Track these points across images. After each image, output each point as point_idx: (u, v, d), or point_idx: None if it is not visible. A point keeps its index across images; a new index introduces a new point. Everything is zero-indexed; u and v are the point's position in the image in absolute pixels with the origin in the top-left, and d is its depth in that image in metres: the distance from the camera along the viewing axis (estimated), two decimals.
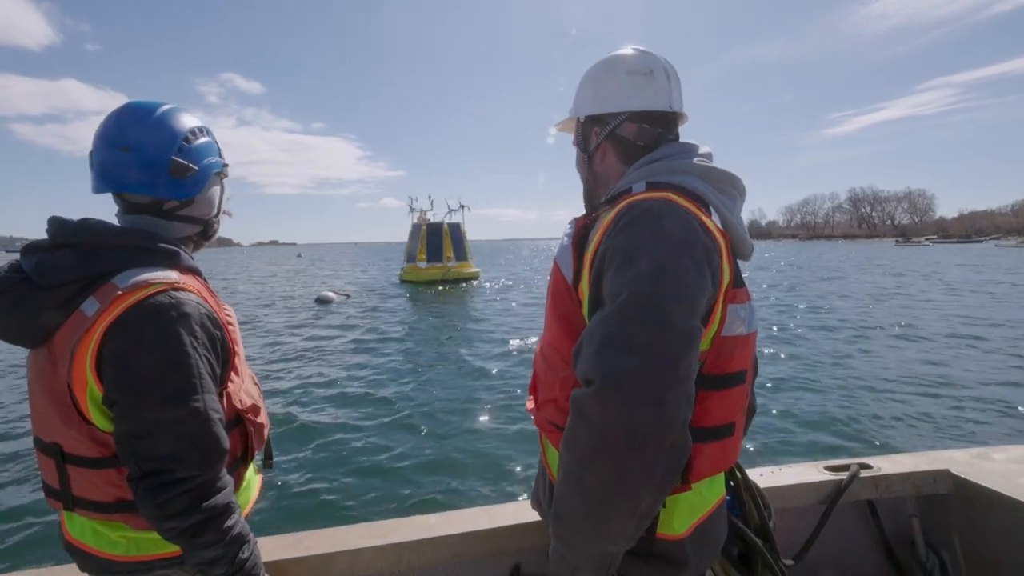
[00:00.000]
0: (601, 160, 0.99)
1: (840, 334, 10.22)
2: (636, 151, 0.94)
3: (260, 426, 1.02)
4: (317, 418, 5.88)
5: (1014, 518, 1.40)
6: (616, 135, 0.95)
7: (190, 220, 0.99)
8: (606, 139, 0.97)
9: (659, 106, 0.93)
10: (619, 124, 0.94)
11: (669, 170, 0.87)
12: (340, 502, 4.00)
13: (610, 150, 0.97)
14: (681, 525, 0.83)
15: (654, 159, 0.90)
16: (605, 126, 0.96)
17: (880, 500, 1.60)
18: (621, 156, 0.96)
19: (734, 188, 0.90)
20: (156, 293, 0.82)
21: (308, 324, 13.06)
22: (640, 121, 0.94)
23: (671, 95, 0.94)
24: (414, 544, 1.28)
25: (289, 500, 4.02)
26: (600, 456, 0.66)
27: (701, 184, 0.86)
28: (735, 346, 0.81)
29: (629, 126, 0.94)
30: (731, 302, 0.80)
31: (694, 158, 0.90)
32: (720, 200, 0.86)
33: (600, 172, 1.00)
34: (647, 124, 0.93)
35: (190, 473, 0.80)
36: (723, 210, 0.85)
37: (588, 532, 0.71)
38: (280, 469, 4.42)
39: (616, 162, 0.97)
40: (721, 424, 0.83)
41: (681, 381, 0.65)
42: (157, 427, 0.79)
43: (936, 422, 5.47)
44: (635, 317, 0.67)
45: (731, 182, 0.89)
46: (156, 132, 0.91)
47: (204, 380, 0.83)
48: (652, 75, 0.93)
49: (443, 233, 23.95)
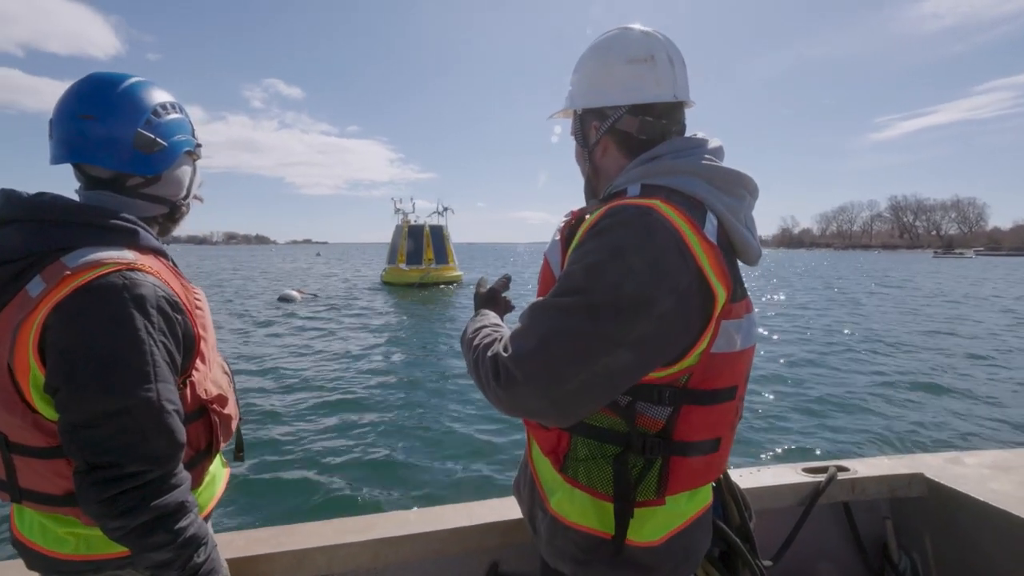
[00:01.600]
0: (602, 155, 0.94)
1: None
2: (639, 144, 0.89)
3: (227, 417, 0.97)
4: (287, 412, 5.80)
5: (984, 522, 1.42)
6: (616, 129, 0.90)
7: (155, 199, 0.94)
8: (606, 133, 0.91)
9: (663, 97, 0.87)
10: (619, 118, 0.89)
11: (668, 170, 0.82)
12: (315, 497, 3.89)
13: (611, 144, 0.92)
14: (653, 534, 0.82)
15: (654, 156, 0.85)
16: (605, 119, 0.90)
17: (856, 502, 1.61)
18: (623, 150, 0.91)
19: (743, 188, 0.84)
20: (108, 273, 0.76)
21: (261, 324, 13.17)
22: (642, 114, 0.87)
23: (675, 83, 0.87)
24: (392, 540, 1.27)
25: (262, 494, 3.90)
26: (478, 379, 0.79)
27: (702, 186, 0.81)
28: (726, 363, 0.79)
29: (630, 119, 0.88)
30: (726, 318, 0.76)
31: (699, 155, 0.84)
32: (723, 202, 0.81)
33: (601, 166, 0.95)
34: (650, 116, 0.87)
35: (139, 468, 0.75)
36: (725, 214, 0.81)
37: (466, 354, 0.87)
38: (253, 461, 4.30)
39: (618, 155, 0.92)
40: (705, 440, 0.81)
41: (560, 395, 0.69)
42: (103, 418, 0.73)
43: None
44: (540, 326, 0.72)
45: (739, 181, 0.84)
46: (123, 102, 0.86)
47: (159, 368, 0.77)
48: (654, 61, 0.86)
49: (424, 235, 24.02)
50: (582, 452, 0.84)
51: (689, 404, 0.78)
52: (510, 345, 0.73)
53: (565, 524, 0.86)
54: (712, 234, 0.77)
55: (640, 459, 0.80)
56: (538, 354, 0.69)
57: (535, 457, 0.96)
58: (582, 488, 0.85)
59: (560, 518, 0.87)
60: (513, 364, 0.70)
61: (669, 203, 0.75)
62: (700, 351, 0.76)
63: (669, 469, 0.80)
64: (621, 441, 0.81)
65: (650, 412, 0.79)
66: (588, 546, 0.85)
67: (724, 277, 0.75)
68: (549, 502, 0.89)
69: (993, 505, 1.41)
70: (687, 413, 0.79)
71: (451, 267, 24.41)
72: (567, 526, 0.86)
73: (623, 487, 0.80)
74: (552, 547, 0.90)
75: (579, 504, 0.85)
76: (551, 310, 0.72)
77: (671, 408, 0.78)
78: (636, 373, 0.73)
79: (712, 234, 0.77)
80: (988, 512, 1.42)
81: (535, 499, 0.95)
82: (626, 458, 0.80)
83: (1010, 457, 1.72)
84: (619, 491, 0.80)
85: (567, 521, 0.86)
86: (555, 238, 0.90)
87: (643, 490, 0.81)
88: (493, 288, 1.09)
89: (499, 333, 0.84)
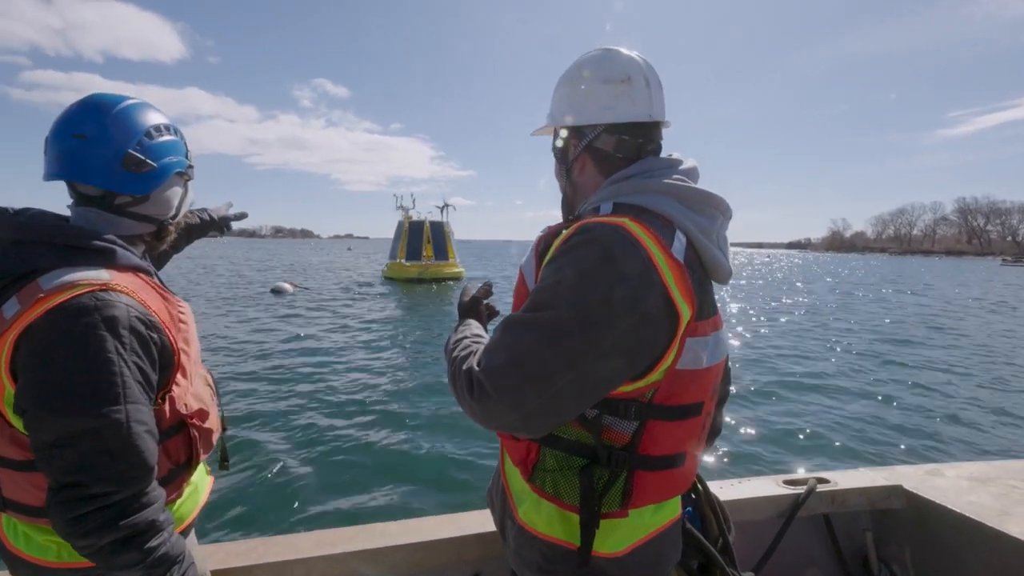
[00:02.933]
0: (580, 171, 0.96)
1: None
2: (615, 163, 0.92)
3: (207, 432, 0.99)
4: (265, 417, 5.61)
5: (962, 533, 1.43)
6: (594, 147, 0.93)
7: (142, 218, 0.95)
8: (584, 151, 0.94)
9: (638, 117, 0.90)
10: (596, 136, 0.92)
11: (640, 189, 0.85)
12: (296, 508, 3.82)
13: (588, 162, 0.95)
14: (617, 545, 0.83)
15: (627, 176, 0.88)
16: (583, 138, 0.93)
17: (836, 514, 1.62)
18: (599, 167, 0.94)
19: (714, 208, 0.87)
20: (80, 295, 0.78)
21: (251, 317, 13.24)
22: (619, 132, 0.91)
23: (651, 103, 0.91)
24: (371, 553, 1.26)
25: (243, 505, 3.84)
26: (454, 392, 0.81)
27: (673, 204, 0.83)
28: (691, 379, 0.80)
29: (607, 138, 0.91)
30: (691, 335, 0.78)
31: (671, 175, 0.87)
32: (693, 221, 0.83)
33: (579, 183, 0.97)
34: (626, 135, 0.91)
35: (106, 489, 0.75)
36: (695, 232, 0.82)
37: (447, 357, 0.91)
38: (235, 471, 4.29)
39: (595, 173, 0.94)
40: (668, 454, 0.83)
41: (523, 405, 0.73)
42: (71, 438, 0.74)
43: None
44: (510, 337, 0.76)
45: (710, 202, 0.86)
46: (116, 123, 0.89)
47: (128, 389, 0.78)
48: (630, 82, 0.89)
49: (424, 231, 24.06)
50: (550, 463, 0.86)
51: (655, 419, 0.80)
52: (483, 359, 0.77)
53: (532, 534, 0.88)
54: (680, 253, 0.78)
55: (606, 472, 0.82)
56: (508, 369, 0.72)
57: (506, 467, 0.99)
58: (549, 499, 0.86)
59: (527, 528, 0.88)
60: (485, 378, 0.73)
61: (638, 221, 0.77)
62: (665, 367, 0.77)
63: (634, 482, 0.82)
64: (588, 453, 0.83)
65: (616, 426, 0.81)
66: (554, 556, 0.86)
67: (689, 295, 0.76)
68: (518, 511, 0.91)
69: (971, 517, 1.41)
70: (652, 428, 0.80)
71: (451, 263, 24.33)
72: (534, 536, 0.87)
73: (588, 498, 0.81)
74: (520, 557, 0.91)
75: (546, 514, 0.86)
76: (521, 325, 0.75)
77: (637, 423, 0.80)
78: (603, 387, 0.76)
79: (680, 253, 0.78)
80: (966, 524, 1.42)
81: (505, 508, 0.98)
82: (592, 470, 0.82)
83: (988, 469, 1.72)
84: (584, 502, 0.81)
85: (534, 531, 0.87)
86: (530, 252, 0.91)
87: (608, 502, 0.82)
88: (475, 296, 1.11)
89: (477, 346, 0.87)
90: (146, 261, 0.96)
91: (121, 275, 0.85)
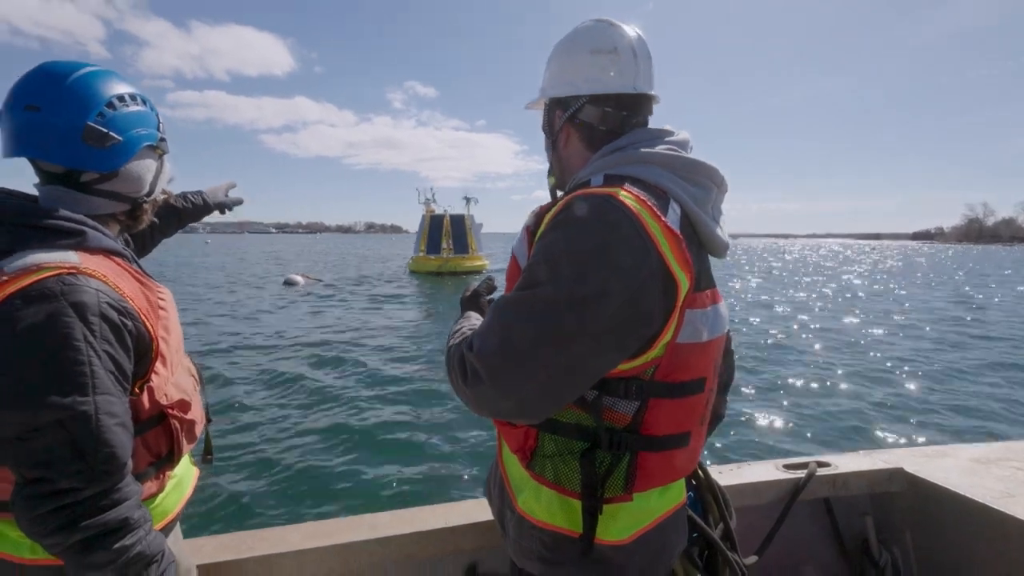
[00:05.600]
0: (565, 144, 0.95)
1: None
2: (600, 136, 0.90)
3: (189, 423, 0.94)
4: (258, 407, 5.65)
5: (964, 516, 1.44)
6: (578, 119, 0.91)
7: (113, 196, 0.89)
8: (567, 123, 0.93)
9: (623, 88, 0.88)
10: (580, 107, 0.90)
11: (631, 160, 0.83)
12: (286, 500, 3.76)
13: (573, 134, 0.93)
14: (621, 533, 0.81)
15: (617, 147, 0.86)
16: (567, 109, 0.92)
17: (836, 498, 1.64)
18: (584, 141, 0.92)
19: (708, 179, 0.85)
20: (45, 279, 0.73)
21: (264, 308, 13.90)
22: (603, 104, 0.89)
23: (637, 75, 0.89)
24: (364, 544, 1.25)
25: (231, 497, 3.77)
26: (451, 380, 0.82)
27: (665, 175, 0.81)
28: (692, 353, 0.78)
29: (591, 109, 0.90)
30: (690, 307, 0.76)
31: (661, 145, 0.85)
32: (687, 192, 0.82)
33: (564, 157, 0.96)
34: (610, 107, 0.89)
35: (72, 485, 0.71)
36: (689, 204, 0.81)
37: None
38: (222, 463, 4.22)
39: (580, 147, 0.93)
40: (671, 434, 0.81)
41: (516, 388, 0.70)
42: (35, 431, 0.70)
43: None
44: (503, 320, 0.72)
45: (703, 172, 0.84)
46: (72, 93, 0.81)
47: (98, 379, 0.73)
48: (616, 53, 0.87)
49: (444, 225, 24.26)
50: (549, 448, 0.83)
51: (656, 397, 0.77)
52: (474, 343, 0.74)
53: (532, 523, 0.85)
54: (675, 222, 0.76)
55: (608, 455, 0.79)
56: (500, 351, 0.70)
57: (504, 455, 0.96)
58: (549, 485, 0.83)
59: (527, 517, 0.86)
60: (477, 362, 0.71)
61: (630, 191, 0.75)
62: (665, 342, 0.75)
63: (637, 464, 0.79)
64: (588, 437, 0.80)
65: (617, 407, 0.78)
66: (555, 545, 0.83)
67: (687, 265, 0.74)
68: (517, 500, 0.88)
69: (973, 499, 1.40)
70: (655, 407, 0.78)
71: (472, 257, 24.37)
72: (534, 524, 0.85)
73: (590, 483, 0.78)
74: (519, 547, 0.89)
75: (546, 502, 0.84)
76: (512, 305, 0.72)
77: (638, 402, 0.77)
78: (600, 366, 0.73)
79: (675, 222, 0.76)
80: (968, 507, 1.41)
81: (504, 498, 0.95)
82: (593, 454, 0.79)
83: (989, 452, 1.70)
84: (586, 488, 0.78)
85: (534, 520, 0.85)
86: (522, 233, 0.88)
87: (611, 486, 0.79)
88: (476, 290, 1.10)
89: (473, 333, 0.83)
90: (120, 243, 0.89)
91: (92, 258, 0.80)
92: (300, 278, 20.10)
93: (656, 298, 0.71)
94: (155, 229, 1.26)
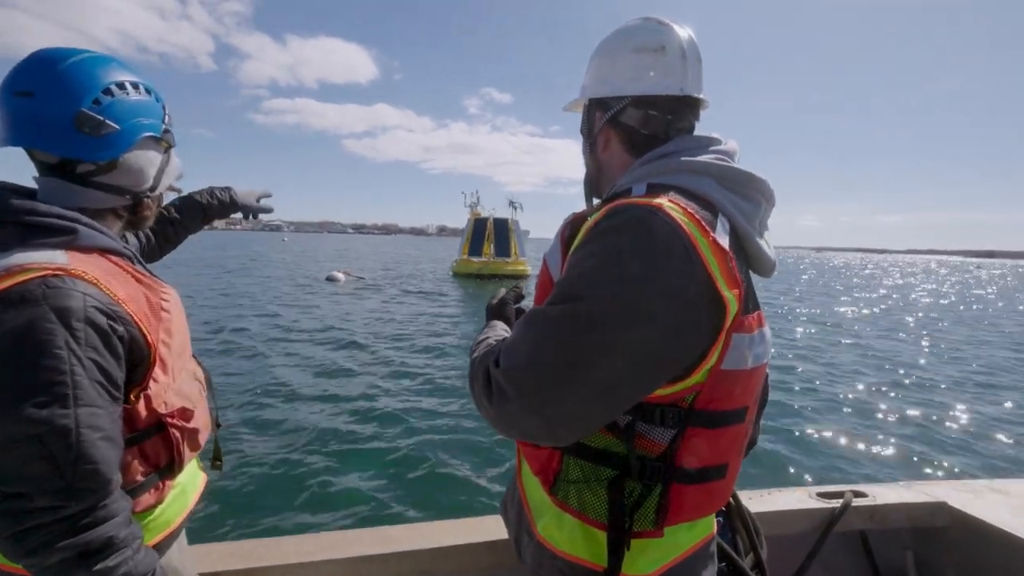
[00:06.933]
0: (604, 148, 0.90)
1: None
2: (642, 140, 0.85)
3: (191, 431, 0.90)
4: (273, 412, 5.53)
5: (1013, 555, 1.36)
6: (619, 121, 0.86)
7: (112, 189, 0.84)
8: (608, 125, 0.88)
9: (668, 90, 0.83)
10: (622, 109, 0.85)
11: (677, 168, 0.78)
12: (298, 509, 3.65)
13: (613, 137, 0.88)
14: (648, 567, 0.76)
15: (662, 154, 0.81)
16: (608, 110, 0.87)
17: (873, 531, 1.56)
18: (625, 145, 0.87)
19: (759, 193, 0.80)
20: (27, 281, 0.68)
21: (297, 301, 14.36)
22: (646, 107, 0.84)
23: (685, 77, 0.83)
24: (376, 558, 1.22)
25: (240, 505, 3.64)
26: (473, 396, 0.77)
27: (713, 186, 0.76)
28: (736, 381, 0.73)
29: (633, 112, 0.85)
30: (737, 331, 0.70)
31: (709, 155, 0.80)
32: (736, 206, 0.77)
33: (604, 160, 0.91)
34: (654, 110, 0.84)
35: (52, 503, 0.66)
36: (738, 219, 0.76)
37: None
38: (231, 469, 4.07)
39: (620, 151, 0.88)
40: (710, 466, 0.76)
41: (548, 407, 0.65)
42: (10, 444, 0.65)
43: None
44: (532, 335, 0.67)
45: (755, 185, 0.79)
46: (67, 78, 0.77)
47: (80, 390, 0.68)
48: (663, 52, 0.83)
49: (487, 228, 24.33)
50: (574, 474, 0.79)
51: (695, 426, 0.73)
52: (501, 358, 0.70)
53: (552, 552, 0.81)
54: (724, 238, 0.71)
55: (638, 485, 0.74)
56: (530, 368, 0.65)
57: (524, 476, 0.92)
58: (572, 513, 0.79)
59: (547, 544, 0.82)
60: (504, 379, 0.67)
61: (677, 202, 0.69)
62: (708, 367, 0.70)
63: (669, 497, 0.74)
64: (618, 464, 0.75)
65: (651, 434, 0.73)
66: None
67: (736, 285, 0.68)
68: (536, 526, 0.84)
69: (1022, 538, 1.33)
70: (692, 436, 0.73)
71: (514, 261, 24.21)
72: (554, 554, 0.81)
73: (618, 515, 0.74)
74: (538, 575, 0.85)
75: (568, 531, 0.79)
76: (544, 319, 0.68)
77: (675, 430, 0.73)
78: (638, 390, 0.68)
79: (724, 238, 0.71)
80: (1018, 545, 1.34)
81: (522, 521, 0.91)
82: (622, 483, 0.75)
83: None
84: (613, 520, 0.74)
85: (554, 549, 0.80)
86: (556, 240, 0.84)
87: (639, 519, 0.75)
88: (503, 298, 1.06)
89: (499, 346, 0.77)
90: (119, 241, 0.84)
91: (83, 257, 0.76)
92: (341, 275, 20.68)
93: (702, 320, 0.66)
94: (180, 225, 1.25)
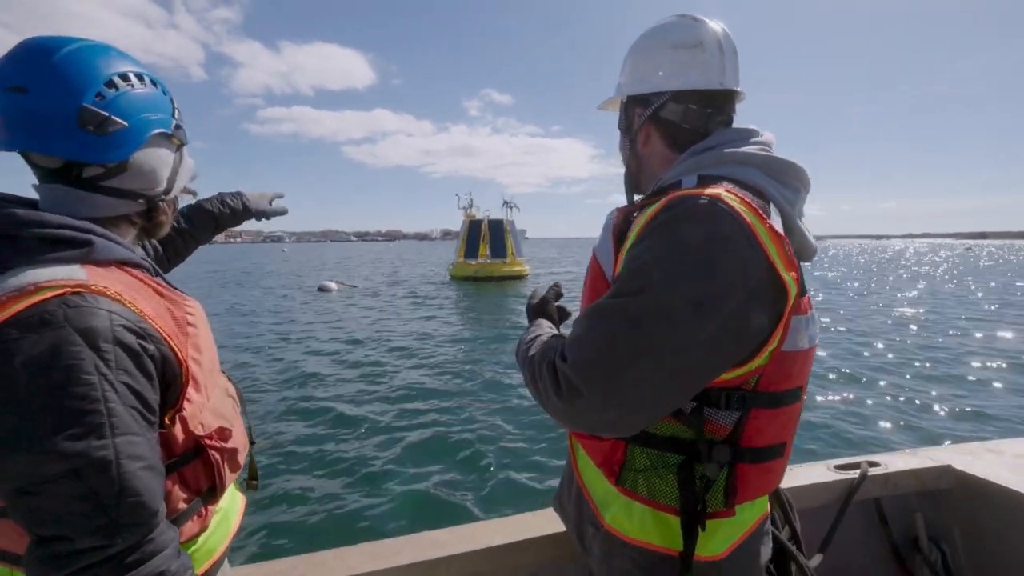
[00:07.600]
0: (644, 144, 0.91)
1: None
2: (683, 134, 0.87)
3: (231, 452, 0.84)
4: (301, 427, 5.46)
5: (1013, 511, 1.45)
6: (660, 117, 0.88)
7: (123, 194, 0.77)
8: (649, 121, 0.89)
9: (708, 84, 0.85)
10: (663, 105, 0.87)
11: (723, 159, 0.80)
12: (339, 520, 3.61)
13: (654, 133, 0.90)
14: (718, 547, 0.79)
15: (707, 147, 0.83)
16: (648, 106, 0.88)
17: (886, 497, 1.65)
18: (667, 140, 0.89)
19: (797, 180, 0.82)
20: (46, 301, 0.61)
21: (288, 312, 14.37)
22: (686, 101, 0.86)
23: (724, 71, 0.85)
24: (424, 565, 1.20)
25: (281, 521, 3.59)
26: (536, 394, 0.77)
27: (761, 176, 0.78)
28: (795, 361, 0.76)
29: (674, 107, 0.86)
30: (796, 312, 0.73)
31: (751, 146, 0.82)
32: (781, 193, 0.79)
33: (644, 156, 0.92)
34: (694, 104, 0.86)
35: (95, 543, 0.60)
36: (784, 206, 0.79)
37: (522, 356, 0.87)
38: (269, 486, 4.02)
39: (662, 146, 0.89)
40: (772, 444, 0.78)
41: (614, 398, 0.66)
42: (45, 482, 0.58)
43: None
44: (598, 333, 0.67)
45: (795, 174, 0.81)
46: (64, 69, 0.69)
47: (116, 418, 0.62)
48: (702, 47, 0.84)
49: (481, 230, 23.77)
50: (640, 462, 0.81)
51: (758, 407, 0.75)
52: (568, 353, 0.70)
53: (623, 540, 0.82)
54: (778, 225, 0.74)
55: (708, 468, 0.76)
56: (600, 361, 0.66)
57: (582, 468, 0.93)
58: (641, 500, 0.81)
59: (617, 534, 0.83)
60: (573, 373, 0.68)
61: (733, 192, 0.72)
62: (772, 349, 0.73)
63: (737, 477, 0.77)
64: (684, 449, 0.78)
65: (717, 418, 0.76)
66: (649, 564, 0.81)
67: (794, 268, 0.72)
68: (603, 517, 0.86)
69: (1022, 493, 1.42)
70: (756, 417, 0.76)
71: (511, 262, 23.70)
72: (625, 542, 0.82)
73: (690, 499, 0.76)
74: (608, 566, 0.86)
75: (638, 518, 0.81)
76: (612, 312, 0.68)
77: (739, 412, 0.75)
78: (707, 376, 0.70)
79: (778, 225, 0.74)
80: (1018, 502, 1.43)
81: (584, 514, 0.92)
82: (691, 467, 0.77)
83: None
84: (686, 503, 0.77)
85: (625, 537, 0.82)
86: (604, 235, 0.86)
87: (711, 500, 0.78)
88: (544, 297, 1.07)
89: (556, 342, 0.81)
90: (137, 252, 0.76)
91: (102, 272, 0.68)
92: (333, 284, 20.50)
93: (766, 304, 0.69)
94: (189, 235, 1.19)
